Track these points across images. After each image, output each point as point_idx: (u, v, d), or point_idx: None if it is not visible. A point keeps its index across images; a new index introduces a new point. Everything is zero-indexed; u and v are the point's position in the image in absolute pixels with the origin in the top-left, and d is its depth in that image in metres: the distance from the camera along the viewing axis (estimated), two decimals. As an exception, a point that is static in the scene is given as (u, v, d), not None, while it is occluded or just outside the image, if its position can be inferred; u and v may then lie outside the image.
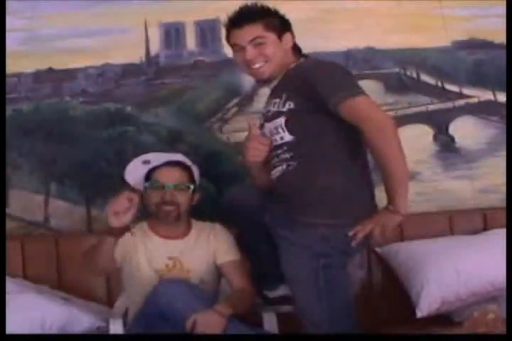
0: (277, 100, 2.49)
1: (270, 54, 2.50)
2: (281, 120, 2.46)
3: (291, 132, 2.45)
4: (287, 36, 2.54)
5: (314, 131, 2.44)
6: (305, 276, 2.47)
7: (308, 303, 2.50)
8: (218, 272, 2.85)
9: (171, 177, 2.80)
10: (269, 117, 2.52)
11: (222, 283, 2.90)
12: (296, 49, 2.58)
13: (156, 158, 2.87)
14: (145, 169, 2.85)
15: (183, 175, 2.82)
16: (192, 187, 2.83)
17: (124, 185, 2.87)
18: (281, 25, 2.53)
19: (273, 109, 2.50)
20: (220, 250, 2.83)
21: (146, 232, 2.85)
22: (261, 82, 2.60)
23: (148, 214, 2.87)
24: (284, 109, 2.45)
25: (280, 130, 2.47)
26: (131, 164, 2.91)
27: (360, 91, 2.36)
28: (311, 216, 2.43)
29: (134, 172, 2.88)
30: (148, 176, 2.84)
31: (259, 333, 2.65)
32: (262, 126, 2.58)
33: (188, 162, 2.88)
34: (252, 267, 2.80)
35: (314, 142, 2.44)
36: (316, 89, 2.36)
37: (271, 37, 2.50)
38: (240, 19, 2.51)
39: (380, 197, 3.23)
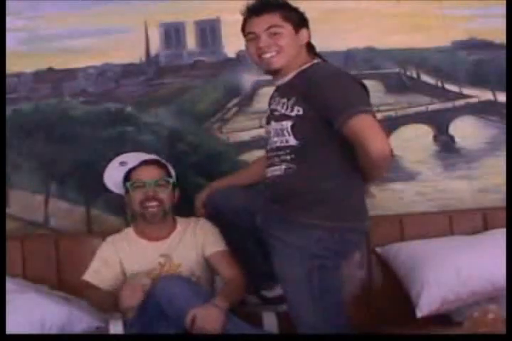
0: (285, 100, 2.47)
1: (284, 45, 2.48)
2: (288, 124, 2.46)
3: (296, 137, 2.45)
4: (304, 32, 2.53)
5: (319, 137, 2.44)
6: (299, 277, 2.47)
7: (301, 304, 2.51)
8: (209, 267, 2.85)
9: (150, 174, 2.83)
10: (276, 117, 2.51)
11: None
12: (310, 49, 2.57)
13: (132, 158, 2.90)
14: (123, 171, 2.88)
15: (161, 172, 2.86)
16: (171, 181, 2.86)
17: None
18: (299, 19, 2.52)
19: (281, 109, 2.48)
20: (207, 242, 2.84)
21: (132, 238, 2.87)
22: (269, 72, 2.56)
23: (133, 219, 2.92)
24: (292, 114, 2.44)
25: (285, 133, 2.47)
26: (108, 168, 2.93)
27: (363, 110, 2.34)
28: (310, 217, 2.44)
29: (113, 175, 2.91)
30: (126, 178, 2.86)
31: (260, 333, 2.65)
32: (268, 123, 2.58)
33: (161, 160, 2.91)
34: (246, 268, 2.80)
35: (318, 148, 2.45)
36: (326, 105, 2.37)
37: (287, 28, 2.49)
38: (259, 7, 2.50)
39: (381, 196, 3.25)
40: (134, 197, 2.83)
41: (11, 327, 2.60)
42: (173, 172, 2.91)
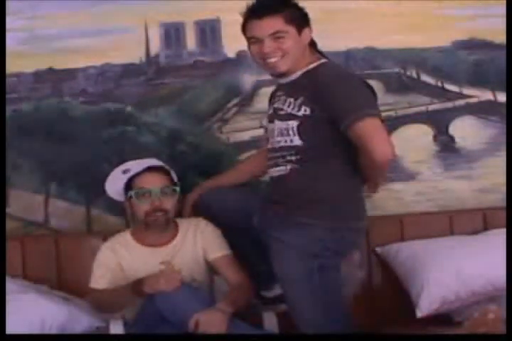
0: (292, 100, 2.45)
1: (288, 49, 2.44)
2: (294, 124, 2.44)
3: (301, 137, 2.44)
4: (306, 31, 2.49)
5: (324, 138, 2.43)
6: (300, 277, 2.47)
7: (302, 304, 2.51)
8: (209, 270, 2.83)
9: (155, 181, 2.77)
10: (281, 116, 2.49)
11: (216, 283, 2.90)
12: (313, 46, 2.55)
13: (135, 165, 2.83)
14: (125, 178, 2.82)
15: (166, 178, 2.80)
16: (178, 189, 2.80)
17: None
18: (301, 18, 2.48)
19: (287, 108, 2.46)
20: (209, 246, 2.80)
21: (131, 245, 2.82)
22: (276, 75, 2.54)
23: (133, 223, 2.87)
24: (299, 114, 2.43)
25: (291, 133, 2.45)
26: (111, 175, 2.88)
27: (370, 113, 2.33)
28: (309, 217, 2.44)
29: (114, 183, 2.86)
30: (128, 185, 2.80)
31: (261, 333, 2.64)
32: (271, 121, 2.56)
33: (165, 166, 2.85)
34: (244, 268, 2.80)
35: (321, 148, 2.44)
36: (334, 106, 2.35)
37: (291, 31, 2.44)
38: (260, 10, 2.43)
39: (381, 196, 3.25)
40: (138, 206, 2.77)
41: (11, 327, 2.60)
42: (175, 177, 2.87)
